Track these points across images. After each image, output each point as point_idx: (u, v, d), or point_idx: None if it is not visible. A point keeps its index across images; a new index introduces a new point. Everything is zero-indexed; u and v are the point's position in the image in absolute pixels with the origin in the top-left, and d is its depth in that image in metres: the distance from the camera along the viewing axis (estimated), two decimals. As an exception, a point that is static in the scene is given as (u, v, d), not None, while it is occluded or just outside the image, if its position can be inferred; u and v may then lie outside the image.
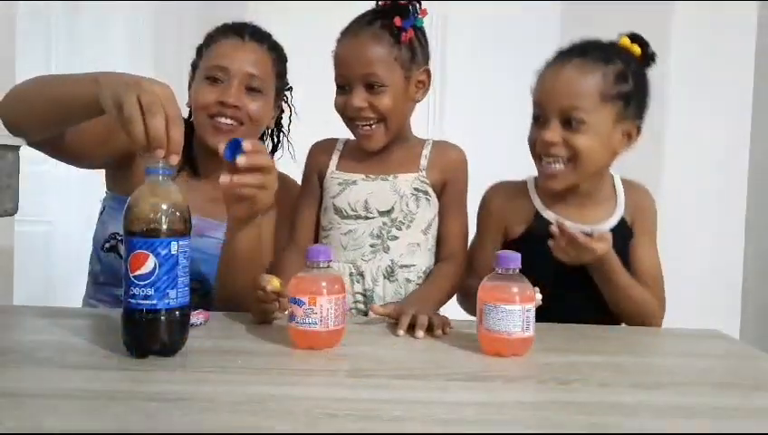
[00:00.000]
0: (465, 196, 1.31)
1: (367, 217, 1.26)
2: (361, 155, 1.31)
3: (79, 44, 2.82)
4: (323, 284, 0.96)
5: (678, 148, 2.62)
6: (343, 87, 1.27)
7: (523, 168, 1.33)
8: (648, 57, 1.24)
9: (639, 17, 2.65)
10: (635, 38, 1.23)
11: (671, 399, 0.81)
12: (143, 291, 0.86)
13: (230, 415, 0.71)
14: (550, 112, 1.19)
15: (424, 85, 1.28)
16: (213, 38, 1.38)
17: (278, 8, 2.71)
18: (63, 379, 0.81)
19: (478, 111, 2.74)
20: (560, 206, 1.26)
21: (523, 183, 1.34)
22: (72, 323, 1.09)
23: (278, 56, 1.43)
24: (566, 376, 0.88)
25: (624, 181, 1.30)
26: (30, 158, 1.66)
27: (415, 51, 1.25)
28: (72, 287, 3.11)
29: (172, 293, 0.87)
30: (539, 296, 1.03)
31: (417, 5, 1.24)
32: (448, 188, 1.29)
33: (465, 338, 1.03)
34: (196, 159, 1.39)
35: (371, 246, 1.26)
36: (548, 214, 1.27)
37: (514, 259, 0.96)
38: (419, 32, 1.27)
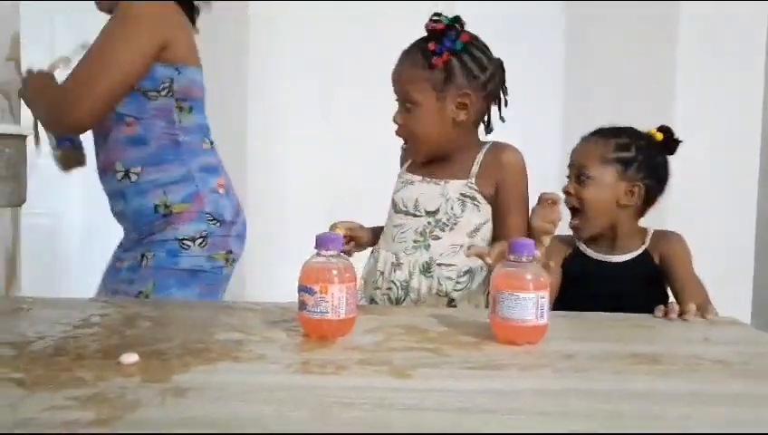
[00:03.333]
0: (523, 195, 1.33)
1: (415, 215, 1.34)
2: (427, 160, 1.38)
3: (79, 32, 2.82)
4: (335, 272, 0.95)
5: (688, 139, 2.60)
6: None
7: (527, 163, 1.35)
8: (668, 142, 1.47)
9: (645, 15, 2.64)
10: (661, 128, 1.48)
11: (688, 386, 0.80)
12: None
13: (241, 404, 0.70)
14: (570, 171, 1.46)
15: (466, 107, 1.31)
16: None
17: (278, 8, 2.71)
18: (75, 368, 0.80)
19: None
20: (594, 244, 1.46)
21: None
22: (81, 314, 1.08)
23: None
24: (581, 364, 0.87)
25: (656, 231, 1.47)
26: (34, 150, 1.66)
27: (452, 73, 1.29)
28: (76, 279, 3.12)
29: None
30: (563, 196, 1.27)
31: (458, 31, 1.29)
32: (500, 190, 1.32)
33: (479, 326, 1.02)
34: None
35: (414, 241, 1.33)
36: (584, 248, 1.46)
37: (528, 246, 0.95)
38: (464, 55, 1.30)
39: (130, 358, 0.82)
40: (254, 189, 2.55)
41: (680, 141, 1.48)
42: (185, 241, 1.44)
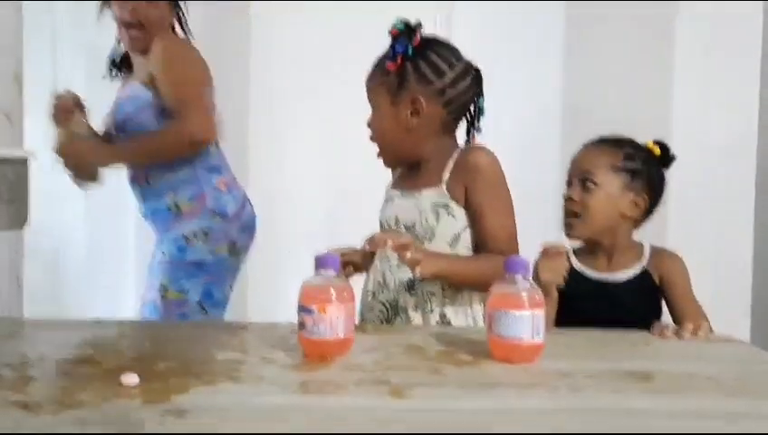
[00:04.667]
0: (498, 197, 1.28)
1: (395, 231, 1.31)
2: (404, 171, 1.39)
3: (83, 52, 2.86)
4: (332, 292, 0.96)
5: (685, 147, 2.61)
6: None
7: (527, 164, 1.33)
8: (665, 156, 1.44)
9: (644, 16, 2.66)
10: (657, 142, 1.45)
11: (684, 403, 0.81)
12: None
13: (241, 425, 0.71)
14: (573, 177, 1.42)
15: (418, 113, 1.29)
16: None
17: (280, 8, 2.73)
18: (77, 390, 0.81)
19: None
20: (590, 260, 1.42)
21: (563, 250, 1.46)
22: (82, 335, 1.09)
23: None
24: (578, 382, 0.88)
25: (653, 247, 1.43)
26: (35, 171, 1.67)
27: (405, 78, 1.28)
28: (79, 298, 3.12)
29: None
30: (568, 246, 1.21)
31: (411, 36, 1.28)
32: (470, 193, 1.27)
33: (477, 345, 1.03)
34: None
35: (398, 259, 1.28)
36: (580, 267, 1.42)
37: (523, 265, 0.96)
38: (419, 60, 1.28)
39: (131, 379, 0.83)
40: (255, 189, 2.57)
41: (675, 157, 1.47)
42: (189, 237, 1.65)
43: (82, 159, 1.66)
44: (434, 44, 1.31)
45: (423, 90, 1.28)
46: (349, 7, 2.63)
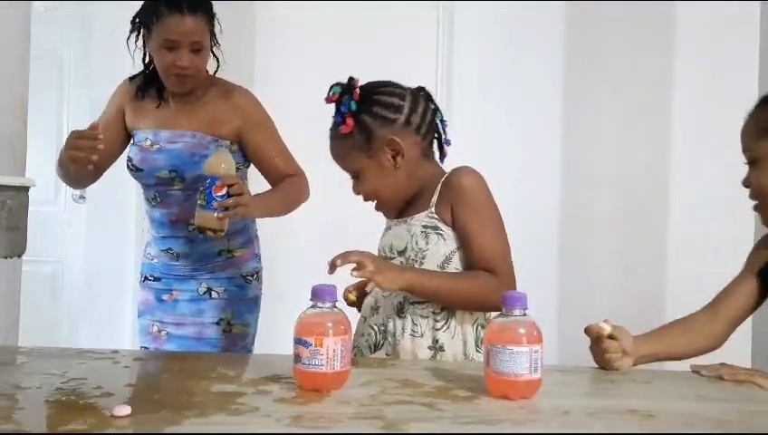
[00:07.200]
0: (483, 213, 1.29)
1: (390, 258, 1.33)
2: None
3: (89, 87, 2.90)
4: (329, 324, 0.95)
5: (684, 182, 2.61)
6: None
7: (528, 164, 1.31)
8: None
9: (643, 17, 2.69)
10: None
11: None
12: None
13: (233, 458, 0.70)
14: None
15: (398, 153, 1.31)
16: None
17: (284, 10, 2.75)
18: (67, 420, 0.80)
19: (484, 110, 2.60)
20: None
21: None
22: (75, 364, 1.08)
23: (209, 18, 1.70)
24: (575, 420, 0.87)
25: None
26: (37, 199, 1.68)
27: (368, 129, 1.30)
28: (77, 325, 3.09)
29: None
30: (607, 327, 1.14)
31: (350, 92, 1.29)
32: (456, 214, 1.28)
33: (475, 380, 1.02)
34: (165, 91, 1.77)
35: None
36: None
37: (521, 300, 0.96)
38: (371, 108, 1.30)
39: (123, 410, 0.82)
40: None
41: None
42: (248, 277, 1.81)
43: (255, 213, 1.70)
44: (374, 88, 1.33)
45: (391, 130, 1.30)
46: (353, 7, 2.65)
